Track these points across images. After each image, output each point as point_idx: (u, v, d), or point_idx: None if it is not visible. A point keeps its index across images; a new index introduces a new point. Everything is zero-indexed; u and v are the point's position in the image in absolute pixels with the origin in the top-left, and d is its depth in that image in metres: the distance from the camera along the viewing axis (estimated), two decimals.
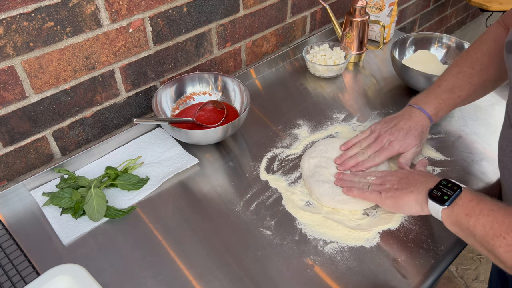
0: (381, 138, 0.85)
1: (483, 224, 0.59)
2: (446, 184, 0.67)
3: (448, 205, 0.64)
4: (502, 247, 0.56)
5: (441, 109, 0.85)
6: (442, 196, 0.65)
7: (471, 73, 0.83)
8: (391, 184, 0.75)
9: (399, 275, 0.70)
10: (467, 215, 0.61)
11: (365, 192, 0.77)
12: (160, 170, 0.90)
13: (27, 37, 0.76)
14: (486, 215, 0.59)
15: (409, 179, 0.73)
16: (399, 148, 0.83)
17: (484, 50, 0.83)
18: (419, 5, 1.79)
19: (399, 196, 0.72)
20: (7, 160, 0.85)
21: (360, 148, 0.86)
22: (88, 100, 0.92)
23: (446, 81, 0.85)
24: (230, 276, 0.71)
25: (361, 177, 0.81)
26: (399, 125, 0.85)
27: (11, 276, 0.71)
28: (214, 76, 1.04)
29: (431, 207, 0.67)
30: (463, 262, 1.83)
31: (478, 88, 0.84)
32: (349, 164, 0.85)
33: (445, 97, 0.85)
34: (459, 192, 0.64)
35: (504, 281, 0.83)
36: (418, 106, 0.86)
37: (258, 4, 1.12)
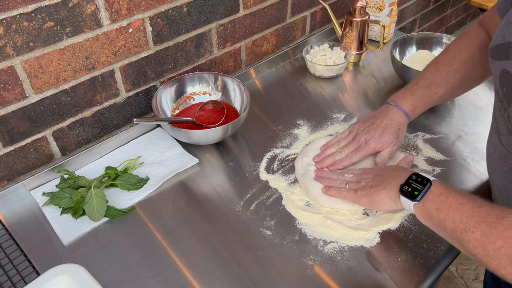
0: (358, 137, 0.86)
1: (452, 218, 0.59)
2: (416, 178, 0.67)
3: (419, 200, 0.65)
4: (471, 241, 0.56)
5: (418, 106, 0.86)
6: (413, 192, 0.66)
7: (448, 71, 0.84)
8: (366, 182, 0.76)
9: (399, 275, 0.70)
10: (437, 210, 0.62)
11: (342, 191, 0.78)
12: (160, 170, 0.90)
13: (27, 37, 0.76)
14: (455, 209, 0.59)
15: (382, 176, 0.74)
16: (375, 147, 0.84)
17: (461, 48, 0.84)
18: (419, 5, 1.79)
19: (373, 194, 0.73)
20: (7, 160, 0.85)
21: (338, 147, 0.87)
22: (88, 100, 0.92)
23: (424, 78, 0.87)
24: (230, 276, 0.71)
25: (339, 174, 0.83)
26: (375, 123, 0.86)
27: (11, 276, 0.71)
28: (214, 76, 1.04)
29: (403, 202, 0.68)
30: (463, 262, 1.83)
31: (455, 86, 0.85)
32: (326, 163, 0.86)
33: (422, 94, 0.85)
34: (429, 186, 0.65)
35: (498, 283, 0.83)
36: (394, 103, 0.87)
37: (258, 4, 1.12)
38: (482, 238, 0.55)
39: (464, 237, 0.57)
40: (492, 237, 0.54)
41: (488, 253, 0.54)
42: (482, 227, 0.55)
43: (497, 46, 0.62)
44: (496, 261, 0.53)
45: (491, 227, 0.54)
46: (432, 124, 1.00)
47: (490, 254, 0.54)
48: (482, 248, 0.55)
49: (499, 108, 0.64)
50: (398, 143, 0.86)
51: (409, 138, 0.96)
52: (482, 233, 0.55)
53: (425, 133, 0.98)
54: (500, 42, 0.61)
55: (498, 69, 0.61)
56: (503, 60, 0.60)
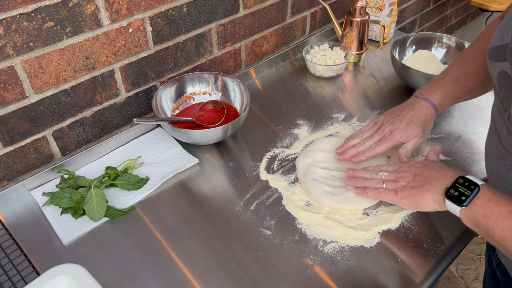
0: (383, 127, 0.83)
1: (501, 227, 0.57)
2: (463, 182, 0.64)
3: (465, 206, 0.62)
4: None
5: (447, 98, 0.83)
6: (460, 196, 0.63)
7: (477, 64, 0.82)
8: (406, 181, 0.73)
9: (399, 275, 0.70)
10: (486, 217, 0.59)
11: (380, 193, 0.75)
12: (160, 170, 0.90)
13: (27, 37, 0.76)
14: (505, 218, 0.57)
15: (424, 175, 0.71)
16: (400, 138, 0.82)
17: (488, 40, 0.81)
18: (419, 5, 1.79)
19: (416, 196, 0.70)
20: (7, 160, 0.85)
21: (362, 138, 0.85)
22: (88, 100, 0.92)
23: (452, 71, 0.84)
24: (230, 276, 0.71)
25: (372, 172, 0.79)
26: (401, 114, 0.83)
27: (11, 276, 0.71)
28: (214, 76, 1.04)
29: (448, 206, 0.65)
30: (463, 262, 1.83)
31: (484, 79, 0.82)
32: (349, 154, 0.84)
33: (451, 87, 0.83)
34: (477, 192, 0.62)
35: (497, 284, 0.83)
36: (422, 96, 0.84)
37: (258, 4, 1.12)
38: None
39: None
40: None
41: None
42: None
43: (496, 47, 0.61)
44: None
45: None
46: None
47: None
48: None
49: (498, 109, 0.64)
50: (424, 136, 0.83)
51: None
52: None
53: None
54: (498, 44, 0.61)
55: (496, 70, 0.61)
56: (501, 62, 0.59)
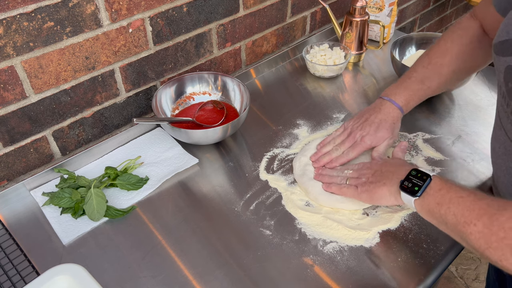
0: (354, 134, 0.86)
1: (453, 212, 0.59)
2: (416, 174, 0.68)
3: (419, 196, 0.65)
4: (473, 234, 0.56)
5: (412, 100, 0.86)
6: (413, 187, 0.66)
7: (441, 64, 0.84)
8: (366, 177, 0.76)
9: (399, 275, 0.70)
10: (438, 204, 0.62)
11: (342, 188, 0.79)
12: (160, 170, 0.90)
13: (27, 37, 0.77)
14: (456, 203, 0.60)
15: (382, 171, 0.75)
16: (371, 143, 0.84)
17: (454, 39, 0.84)
18: (419, 5, 1.78)
19: (373, 190, 0.73)
20: (7, 160, 0.85)
21: (334, 145, 0.87)
22: (88, 100, 0.92)
23: (416, 72, 0.86)
24: (230, 276, 0.71)
25: (339, 171, 0.83)
26: (370, 119, 0.86)
27: (11, 276, 0.71)
28: (214, 76, 1.04)
29: (404, 198, 0.68)
30: (463, 262, 1.83)
31: (448, 79, 0.85)
32: (323, 161, 0.86)
33: (415, 88, 0.86)
34: (429, 182, 0.65)
35: (502, 280, 0.83)
36: (388, 98, 0.87)
37: (258, 4, 1.12)
38: (485, 230, 0.55)
39: (466, 230, 0.57)
40: (494, 228, 0.54)
41: (491, 245, 0.54)
42: (484, 219, 0.55)
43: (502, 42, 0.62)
44: (499, 252, 0.54)
45: (493, 219, 0.55)
46: (432, 124, 1.00)
47: (493, 246, 0.54)
48: (484, 240, 0.55)
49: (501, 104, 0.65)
50: (393, 137, 0.86)
51: (409, 138, 0.96)
52: (484, 225, 0.55)
53: (425, 133, 0.98)
54: (504, 38, 0.61)
55: (503, 65, 0.61)
56: (508, 56, 0.60)
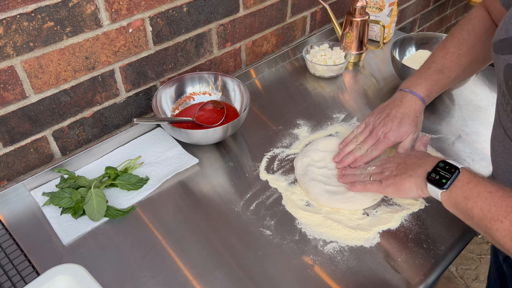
0: (376, 131, 0.84)
1: (480, 207, 0.59)
2: (443, 166, 0.66)
3: (446, 189, 0.64)
4: (499, 231, 0.56)
5: (433, 90, 0.84)
6: (441, 180, 0.65)
7: (458, 54, 0.83)
8: (390, 171, 0.75)
9: (399, 275, 0.70)
10: (465, 198, 0.61)
11: (366, 184, 0.77)
12: (160, 170, 0.90)
13: (27, 37, 0.76)
14: (484, 198, 0.59)
15: (407, 164, 0.73)
16: (394, 139, 0.82)
17: (469, 30, 0.83)
18: (419, 5, 1.78)
19: (399, 183, 0.72)
20: (7, 160, 0.85)
21: (356, 144, 0.85)
22: (88, 100, 0.92)
23: (435, 62, 0.85)
24: (230, 276, 0.71)
25: (362, 169, 0.81)
26: (391, 114, 0.84)
27: (11, 276, 0.71)
28: (214, 76, 1.04)
29: (430, 190, 0.67)
30: (463, 262, 1.83)
31: (466, 68, 0.84)
32: (347, 161, 0.84)
33: (436, 78, 0.84)
34: (457, 174, 0.64)
35: (503, 279, 0.83)
36: (409, 89, 0.85)
37: (258, 4, 1.12)
38: (511, 228, 0.55)
39: (492, 226, 0.57)
40: None
41: None
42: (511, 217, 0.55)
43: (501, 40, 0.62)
44: None
45: None
46: (432, 124, 1.00)
47: None
48: (510, 238, 0.55)
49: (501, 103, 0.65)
50: (417, 131, 0.84)
51: None
52: (511, 223, 0.55)
53: (425, 133, 0.98)
54: (503, 37, 0.61)
55: (502, 63, 0.61)
56: (507, 55, 0.60)
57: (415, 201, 0.82)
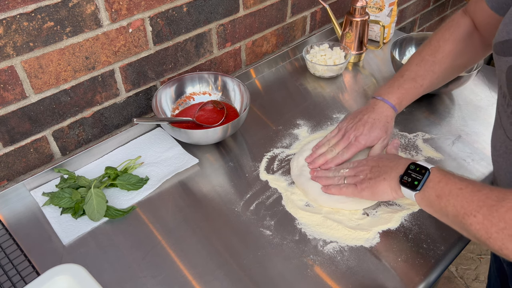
0: (348, 134, 0.86)
1: (453, 204, 0.60)
2: (414, 168, 0.68)
3: (419, 190, 0.66)
4: (473, 225, 0.57)
5: (404, 99, 0.86)
6: (413, 182, 0.67)
7: (432, 61, 0.84)
8: (364, 174, 0.76)
9: (399, 275, 0.70)
10: (438, 197, 0.63)
11: (341, 188, 0.78)
12: (160, 170, 0.90)
13: (27, 37, 0.76)
14: (455, 195, 0.60)
15: (380, 167, 0.75)
16: (365, 143, 0.84)
17: (446, 37, 0.84)
18: (419, 5, 1.78)
19: (373, 186, 0.73)
20: (7, 160, 0.85)
21: (328, 146, 0.87)
22: (88, 100, 0.92)
23: (408, 70, 0.87)
24: (230, 276, 0.71)
25: (335, 171, 0.82)
26: (363, 119, 0.86)
27: (11, 276, 0.71)
28: (214, 76, 1.04)
29: (404, 192, 0.69)
30: (463, 262, 1.83)
31: (440, 76, 0.86)
32: (318, 163, 0.86)
33: (408, 87, 0.86)
34: (428, 175, 0.66)
35: (504, 278, 0.83)
36: (381, 97, 0.87)
37: (258, 4, 1.12)
38: (484, 221, 0.56)
39: (466, 221, 0.58)
40: (494, 219, 0.55)
41: (491, 235, 0.55)
42: (483, 210, 0.56)
43: (502, 42, 0.62)
44: (499, 242, 0.55)
45: (492, 210, 0.55)
46: (432, 124, 1.00)
47: (493, 236, 0.55)
48: (484, 231, 0.56)
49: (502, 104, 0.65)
50: (387, 137, 0.86)
51: (409, 138, 0.96)
52: (484, 216, 0.56)
53: (425, 133, 0.98)
54: (505, 39, 0.61)
55: (505, 65, 0.61)
56: (510, 56, 0.61)
57: None
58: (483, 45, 0.84)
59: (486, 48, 0.85)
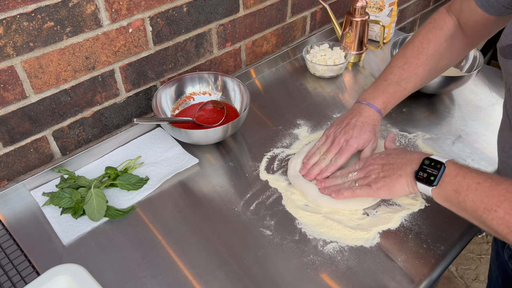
0: (338, 139, 0.84)
1: (472, 199, 0.60)
2: (429, 163, 0.67)
3: (436, 185, 0.65)
4: (494, 220, 0.57)
5: (389, 103, 0.86)
6: (429, 177, 0.66)
7: (416, 64, 0.84)
8: (376, 173, 0.75)
9: (399, 275, 0.70)
10: (456, 192, 0.62)
11: (355, 190, 0.77)
12: (160, 170, 0.90)
13: (27, 37, 0.76)
14: (474, 190, 0.60)
15: (391, 163, 0.73)
16: (357, 146, 0.83)
17: (430, 38, 0.84)
18: (419, 5, 1.78)
19: (390, 184, 0.72)
20: (7, 160, 0.85)
21: (320, 155, 0.85)
22: (88, 100, 0.92)
23: (392, 74, 0.86)
24: (230, 276, 0.71)
25: (343, 177, 0.81)
26: (351, 123, 0.85)
27: (11, 276, 0.71)
28: (214, 76, 1.04)
29: (420, 188, 0.68)
30: (463, 262, 1.83)
31: (423, 78, 0.86)
32: (313, 173, 0.84)
33: (392, 91, 0.85)
34: (444, 169, 0.65)
35: (506, 276, 0.83)
36: (366, 102, 0.86)
37: (258, 4, 1.12)
38: (506, 216, 0.56)
39: (487, 216, 0.58)
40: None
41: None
42: (505, 205, 0.56)
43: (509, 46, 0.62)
44: None
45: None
46: (432, 124, 1.00)
47: None
48: (506, 225, 0.56)
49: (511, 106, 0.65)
50: (376, 140, 0.85)
51: (409, 138, 0.96)
52: (505, 211, 0.56)
53: (425, 133, 0.98)
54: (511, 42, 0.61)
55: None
56: None
57: (415, 201, 0.82)
58: (466, 45, 0.84)
59: (467, 48, 0.85)
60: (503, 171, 0.72)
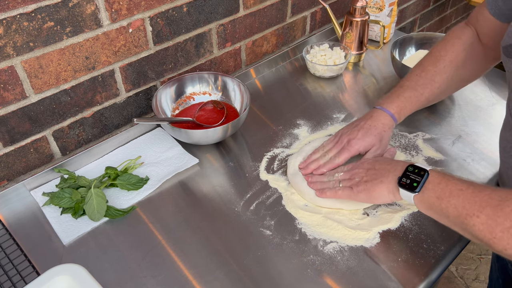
0: (341, 139, 0.85)
1: (455, 205, 0.60)
2: (413, 170, 0.67)
3: (418, 191, 0.65)
4: (476, 225, 0.57)
5: (404, 107, 0.85)
6: (412, 183, 0.66)
7: (434, 71, 0.84)
8: (359, 177, 0.75)
9: (399, 275, 0.70)
10: (438, 198, 0.62)
11: (337, 191, 0.77)
12: (160, 170, 0.90)
13: (27, 37, 0.76)
14: (456, 196, 0.60)
15: (376, 169, 0.74)
16: (358, 147, 0.83)
17: (447, 48, 0.84)
18: (419, 5, 1.78)
19: (370, 189, 0.72)
20: (7, 160, 0.85)
21: (323, 151, 0.86)
22: (88, 100, 0.92)
23: (409, 80, 0.86)
24: (230, 276, 0.71)
25: (329, 175, 0.82)
26: (359, 125, 0.85)
27: (11, 276, 0.71)
28: (214, 76, 1.04)
29: (403, 194, 0.68)
30: (463, 262, 1.83)
31: (441, 86, 0.85)
32: (311, 168, 0.85)
33: (408, 95, 0.85)
34: (427, 176, 0.65)
35: (506, 277, 0.83)
36: (380, 106, 0.86)
37: (258, 4, 1.12)
38: (488, 221, 0.56)
39: (468, 222, 0.58)
40: (499, 219, 0.55)
41: (495, 235, 0.55)
42: (487, 210, 0.56)
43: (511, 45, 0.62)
44: (504, 242, 0.54)
45: (497, 209, 0.55)
46: (432, 124, 1.00)
47: (498, 236, 0.55)
48: (488, 231, 0.56)
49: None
50: (381, 147, 0.84)
51: (409, 138, 0.96)
52: (488, 216, 0.56)
53: (425, 133, 0.98)
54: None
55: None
56: None
57: None
58: (486, 58, 0.84)
59: (489, 61, 0.85)
60: (505, 171, 0.72)
